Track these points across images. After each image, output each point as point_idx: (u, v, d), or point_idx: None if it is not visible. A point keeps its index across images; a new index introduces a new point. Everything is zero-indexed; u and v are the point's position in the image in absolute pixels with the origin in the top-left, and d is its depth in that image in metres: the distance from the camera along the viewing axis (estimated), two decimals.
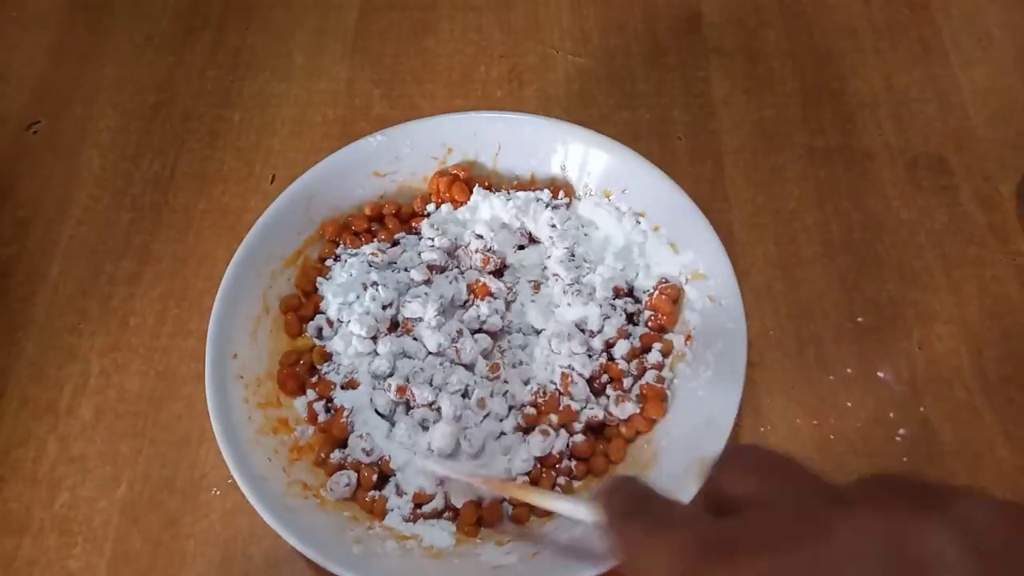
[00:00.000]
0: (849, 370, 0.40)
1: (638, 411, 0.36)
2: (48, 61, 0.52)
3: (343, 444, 0.36)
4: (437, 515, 0.34)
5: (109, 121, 0.49)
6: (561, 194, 0.41)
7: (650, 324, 0.38)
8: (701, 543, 0.19)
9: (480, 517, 0.34)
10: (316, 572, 0.35)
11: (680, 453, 0.34)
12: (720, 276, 0.37)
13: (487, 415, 0.36)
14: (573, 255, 0.39)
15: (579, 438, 0.36)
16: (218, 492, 0.37)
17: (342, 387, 0.37)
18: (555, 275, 0.39)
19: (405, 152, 0.41)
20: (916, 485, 0.19)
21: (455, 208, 0.42)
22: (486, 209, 0.41)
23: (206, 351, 0.35)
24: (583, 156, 0.41)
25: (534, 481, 0.35)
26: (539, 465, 0.35)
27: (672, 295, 0.38)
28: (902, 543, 0.17)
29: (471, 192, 0.41)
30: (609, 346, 0.37)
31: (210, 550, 0.36)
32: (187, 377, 0.40)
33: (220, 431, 0.33)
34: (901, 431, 0.38)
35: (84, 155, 0.48)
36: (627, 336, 0.38)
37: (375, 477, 0.35)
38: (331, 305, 0.38)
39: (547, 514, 0.34)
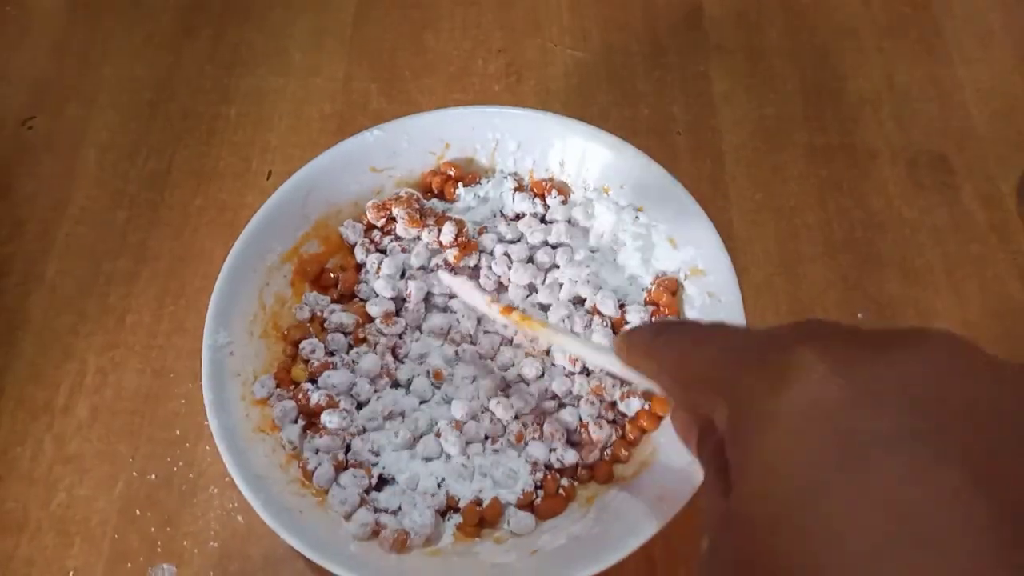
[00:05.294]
0: None
1: (646, 407, 0.35)
2: (46, 59, 0.51)
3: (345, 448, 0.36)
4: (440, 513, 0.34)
5: (106, 118, 0.49)
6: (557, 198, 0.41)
7: (653, 319, 0.38)
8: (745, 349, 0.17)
9: (482, 518, 0.34)
10: (314, 571, 0.35)
11: (678, 453, 0.34)
12: (720, 272, 0.37)
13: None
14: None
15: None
16: (215, 491, 0.37)
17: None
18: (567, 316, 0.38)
19: (403, 147, 0.41)
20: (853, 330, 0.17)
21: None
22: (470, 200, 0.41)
23: (202, 348, 0.35)
24: (582, 151, 0.41)
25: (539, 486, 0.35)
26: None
27: (670, 287, 0.38)
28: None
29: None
30: None
31: (208, 549, 0.36)
32: (184, 375, 0.40)
33: (217, 429, 0.33)
34: None
35: (81, 153, 0.47)
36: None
37: (375, 480, 0.35)
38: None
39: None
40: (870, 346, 0.15)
